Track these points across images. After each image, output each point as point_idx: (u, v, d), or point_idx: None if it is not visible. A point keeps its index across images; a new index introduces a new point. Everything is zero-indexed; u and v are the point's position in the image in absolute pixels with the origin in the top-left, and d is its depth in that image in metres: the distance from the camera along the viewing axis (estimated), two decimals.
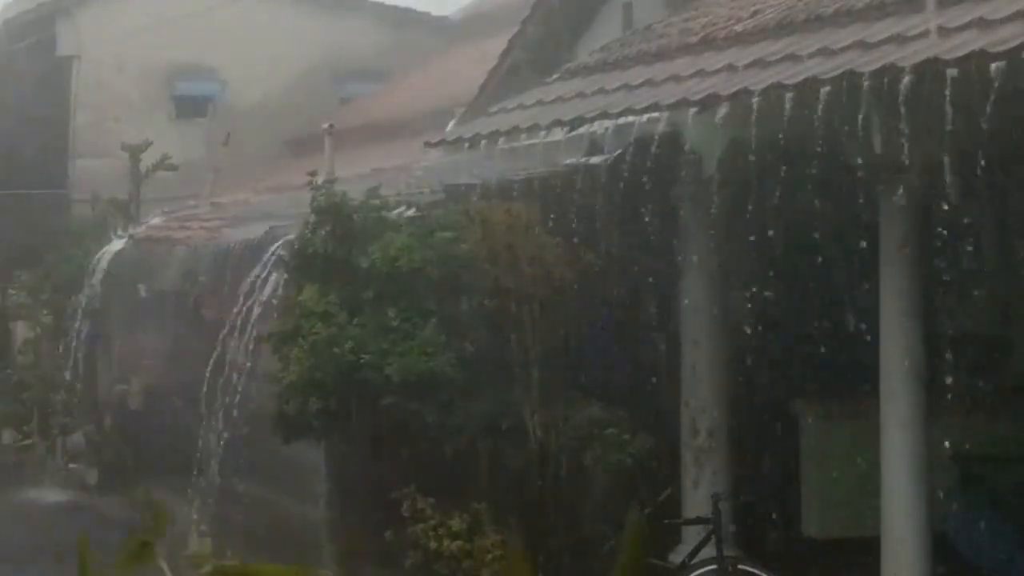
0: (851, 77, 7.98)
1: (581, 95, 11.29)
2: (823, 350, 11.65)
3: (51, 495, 19.82)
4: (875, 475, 9.73)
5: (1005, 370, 11.94)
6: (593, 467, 11.55)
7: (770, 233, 10.24)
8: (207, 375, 15.04)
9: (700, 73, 10.03)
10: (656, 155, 9.92)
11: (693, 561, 10.68)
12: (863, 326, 10.10)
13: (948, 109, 7.34)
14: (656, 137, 9.86)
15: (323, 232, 12.70)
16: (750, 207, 9.83)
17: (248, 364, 14.49)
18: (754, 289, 12.07)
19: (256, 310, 14.34)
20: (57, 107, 25.61)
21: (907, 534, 9.61)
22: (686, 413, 11.63)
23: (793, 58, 9.14)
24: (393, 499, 12.16)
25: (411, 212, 13.31)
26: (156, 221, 21.01)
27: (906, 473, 9.60)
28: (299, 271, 13.04)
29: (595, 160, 11.04)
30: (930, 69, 7.48)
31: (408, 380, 11.80)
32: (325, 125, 16.69)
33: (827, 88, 8.13)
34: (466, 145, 11.84)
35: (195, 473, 14.65)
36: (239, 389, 14.52)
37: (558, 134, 10.93)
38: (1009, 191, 9.53)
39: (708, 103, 9.21)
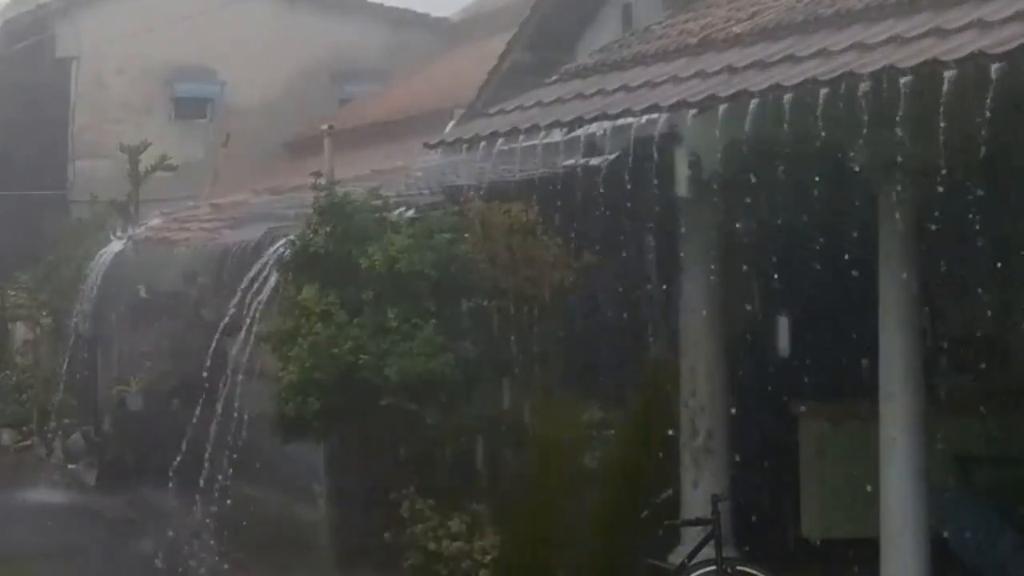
0: (850, 78, 7.99)
1: (580, 96, 11.29)
2: (823, 350, 11.66)
3: (50, 496, 19.81)
4: (874, 476, 9.74)
5: (1004, 371, 11.95)
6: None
7: (769, 234, 10.26)
8: (207, 376, 15.04)
9: (699, 74, 10.03)
10: (655, 156, 9.92)
11: (692, 562, 10.68)
12: (863, 326, 10.10)
13: (947, 110, 7.34)
14: (655, 138, 9.86)
15: (323, 232, 12.72)
16: (749, 208, 9.84)
17: (247, 365, 14.49)
18: (753, 290, 12.08)
19: (255, 311, 14.34)
20: (56, 108, 25.60)
21: (906, 535, 9.61)
22: (686, 413, 11.64)
23: (792, 59, 9.14)
24: (392, 500, 12.17)
25: (410, 213, 13.32)
26: (155, 222, 20.99)
27: (906, 473, 9.60)
28: (299, 271, 13.05)
29: (594, 161, 11.05)
30: (929, 71, 7.49)
31: (407, 381, 11.81)
32: (324, 126, 16.67)
33: (826, 89, 8.13)
34: (465, 146, 11.83)
35: (194, 473, 14.63)
36: (238, 390, 14.52)
37: (557, 135, 10.93)
38: (1008, 192, 9.53)
39: (707, 104, 9.21)
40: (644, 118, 9.85)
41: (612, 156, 10.75)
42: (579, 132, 10.64)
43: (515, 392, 11.94)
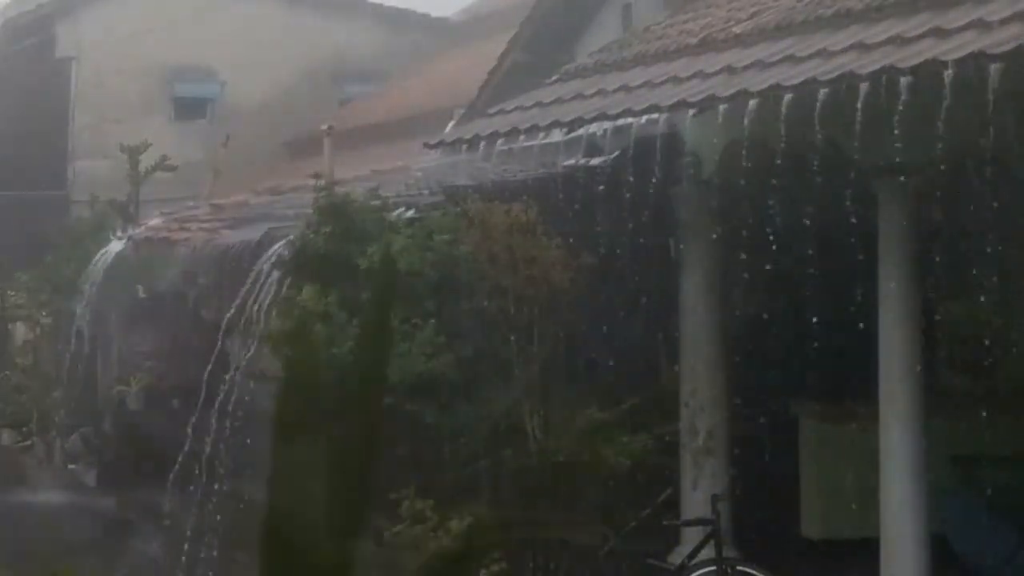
0: (850, 78, 7.99)
1: (580, 96, 11.29)
2: (822, 351, 11.66)
3: (50, 496, 19.80)
4: (874, 476, 9.74)
5: (1004, 370, 11.95)
6: (592, 468, 11.55)
7: (768, 234, 10.25)
8: (206, 376, 15.04)
9: (699, 74, 10.03)
10: (655, 156, 9.92)
11: (692, 562, 10.69)
12: (862, 327, 10.10)
13: (946, 111, 7.34)
14: (655, 138, 9.86)
15: (323, 233, 12.72)
16: (748, 208, 9.84)
17: (247, 365, 14.49)
18: (753, 290, 12.07)
19: (255, 311, 14.34)
20: (56, 108, 25.62)
21: (906, 535, 9.62)
22: (685, 414, 11.64)
23: (792, 60, 9.14)
24: (392, 500, 12.16)
25: (410, 213, 13.32)
26: (155, 222, 20.98)
27: (905, 473, 9.61)
28: (299, 271, 13.05)
29: (594, 161, 11.05)
30: (929, 71, 7.49)
31: (407, 381, 11.80)
32: (324, 126, 16.69)
33: (826, 89, 8.13)
34: (465, 146, 11.84)
35: (194, 474, 14.64)
36: (238, 390, 14.51)
37: (557, 135, 10.93)
38: (1008, 191, 9.54)
39: (707, 104, 9.21)
40: (644, 118, 9.85)
41: (612, 156, 10.75)
42: (579, 132, 10.64)
43: (515, 392, 11.92)
